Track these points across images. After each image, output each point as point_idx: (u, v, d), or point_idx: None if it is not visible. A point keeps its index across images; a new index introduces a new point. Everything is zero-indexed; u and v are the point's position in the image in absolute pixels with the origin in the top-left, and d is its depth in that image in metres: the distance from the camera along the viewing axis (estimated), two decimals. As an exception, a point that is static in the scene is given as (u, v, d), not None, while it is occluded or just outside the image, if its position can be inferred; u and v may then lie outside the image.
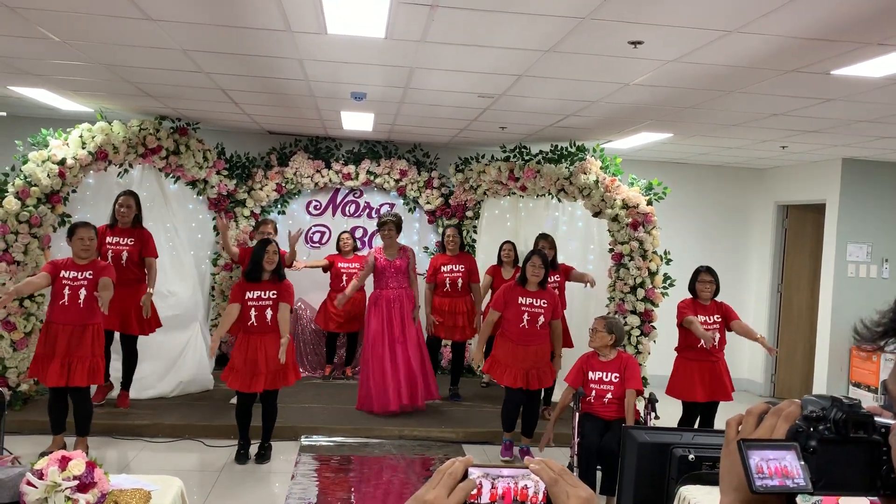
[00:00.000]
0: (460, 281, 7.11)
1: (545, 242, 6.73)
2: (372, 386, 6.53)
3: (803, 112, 5.33)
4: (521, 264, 6.51)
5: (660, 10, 3.25)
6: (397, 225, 6.62)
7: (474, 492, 1.06)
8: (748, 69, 4.18)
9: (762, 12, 3.18)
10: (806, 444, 0.97)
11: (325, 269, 7.82)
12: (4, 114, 6.58)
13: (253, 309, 5.28)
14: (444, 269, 7.13)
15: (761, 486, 0.93)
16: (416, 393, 6.57)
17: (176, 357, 6.93)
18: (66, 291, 5.07)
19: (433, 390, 6.74)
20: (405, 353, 6.54)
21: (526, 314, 5.57)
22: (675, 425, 5.63)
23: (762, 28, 3.40)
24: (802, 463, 0.94)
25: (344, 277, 7.66)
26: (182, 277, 7.23)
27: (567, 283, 6.88)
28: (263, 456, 5.58)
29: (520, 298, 5.61)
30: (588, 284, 6.63)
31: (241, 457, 5.53)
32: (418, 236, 8.73)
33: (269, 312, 5.30)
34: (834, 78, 4.25)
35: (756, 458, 0.94)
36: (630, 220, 6.57)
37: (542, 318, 5.59)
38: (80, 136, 6.29)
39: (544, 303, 5.60)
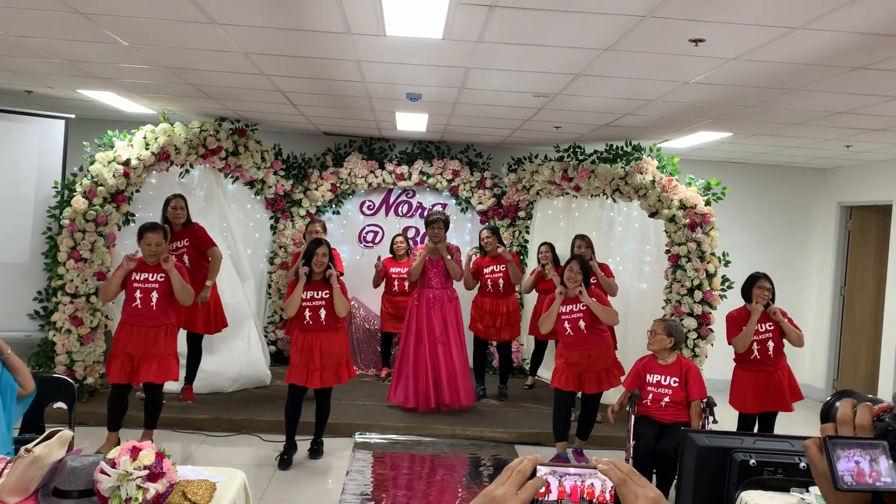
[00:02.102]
0: (501, 281, 7.10)
1: (581, 242, 6.64)
2: (411, 383, 6.59)
3: (870, 110, 5.17)
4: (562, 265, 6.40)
5: (723, 8, 3.20)
6: (446, 223, 6.65)
7: (542, 489, 1.07)
8: (814, 66, 4.07)
9: (831, 8, 3.10)
10: (895, 442, 0.95)
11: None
12: (72, 115, 6.81)
13: (307, 309, 5.32)
14: (485, 270, 7.13)
15: (846, 484, 0.91)
16: (457, 393, 6.60)
17: (232, 353, 7.09)
18: (138, 294, 5.09)
19: (470, 395, 6.73)
20: (447, 353, 6.57)
21: (566, 322, 5.51)
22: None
23: (830, 24, 3.31)
24: (891, 462, 0.93)
25: (395, 282, 7.68)
26: (239, 275, 7.40)
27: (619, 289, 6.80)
28: (316, 451, 5.66)
29: (560, 307, 5.53)
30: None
31: (284, 462, 5.41)
32: (470, 236, 8.75)
33: (322, 312, 5.32)
34: (904, 74, 4.11)
35: (841, 460, 0.93)
36: (687, 220, 6.45)
37: (582, 323, 5.48)
38: (144, 138, 6.48)
39: (582, 307, 5.49)
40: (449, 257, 6.58)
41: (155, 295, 5.09)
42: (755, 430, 5.54)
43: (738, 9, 3.20)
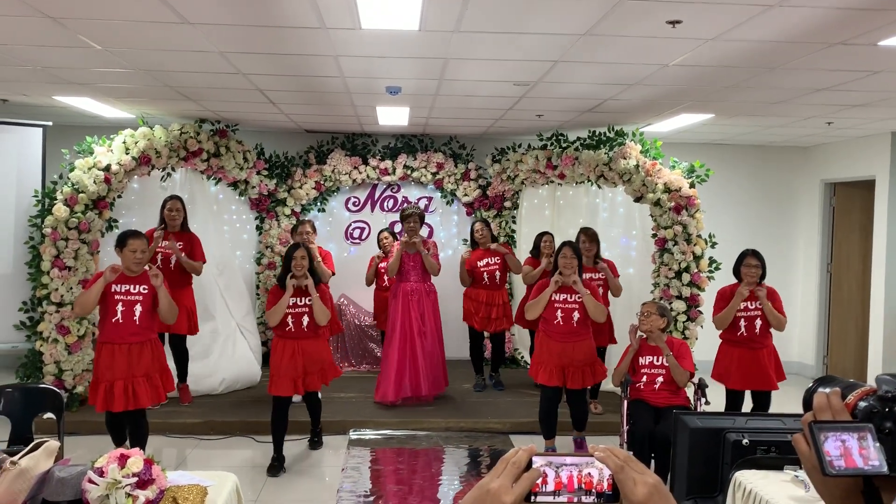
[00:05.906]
0: (498, 273, 7.09)
1: (585, 236, 6.45)
2: (388, 376, 6.61)
3: (850, 86, 5.18)
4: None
5: (698, -13, 3.19)
6: (421, 218, 6.67)
7: (539, 481, 1.04)
8: (791, 44, 4.07)
9: (805, -16, 3.10)
10: (881, 424, 0.93)
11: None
12: (50, 123, 6.73)
13: (290, 316, 5.22)
14: (479, 263, 7.09)
15: (834, 469, 0.90)
16: (431, 384, 6.68)
17: (220, 355, 7.06)
18: (120, 308, 4.66)
19: (442, 383, 6.86)
20: (423, 346, 6.61)
21: (559, 311, 5.31)
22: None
23: (806, 0, 3.31)
24: (878, 444, 0.91)
25: (386, 278, 7.65)
26: (226, 277, 7.35)
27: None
28: (317, 442, 5.85)
29: (553, 294, 5.35)
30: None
31: (275, 468, 5.30)
32: (457, 229, 8.73)
33: (305, 319, 5.26)
34: (881, 49, 4.11)
35: (828, 440, 0.91)
36: (672, 204, 6.46)
37: (577, 315, 5.30)
38: (124, 142, 6.41)
39: (579, 298, 5.31)
40: (426, 251, 6.57)
41: (138, 308, 4.68)
42: (750, 409, 5.57)
43: (714, -12, 3.19)
